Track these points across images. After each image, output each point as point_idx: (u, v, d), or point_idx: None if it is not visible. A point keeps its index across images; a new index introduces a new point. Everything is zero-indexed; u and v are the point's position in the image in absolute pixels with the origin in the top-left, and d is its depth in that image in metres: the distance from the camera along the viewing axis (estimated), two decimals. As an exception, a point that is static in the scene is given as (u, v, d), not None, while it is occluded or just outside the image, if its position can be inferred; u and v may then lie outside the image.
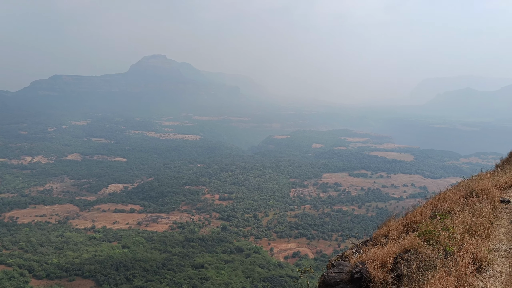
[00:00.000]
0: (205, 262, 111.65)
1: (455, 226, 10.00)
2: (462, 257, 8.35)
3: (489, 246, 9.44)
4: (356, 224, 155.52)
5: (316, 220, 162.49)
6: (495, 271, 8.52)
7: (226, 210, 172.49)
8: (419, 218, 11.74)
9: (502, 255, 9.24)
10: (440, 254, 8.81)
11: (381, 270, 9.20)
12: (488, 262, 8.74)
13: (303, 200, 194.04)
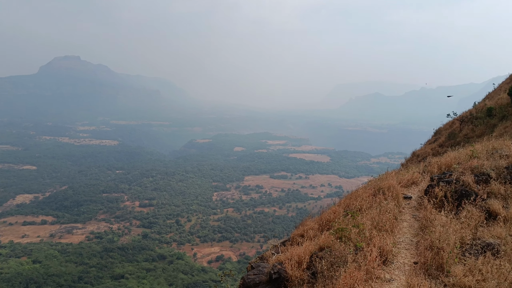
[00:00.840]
0: (126, 272, 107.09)
1: (365, 222, 10.63)
2: (370, 252, 8.89)
3: (394, 240, 10.17)
4: (278, 225, 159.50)
5: (239, 222, 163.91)
6: (399, 263, 9.20)
7: (147, 217, 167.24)
8: (333, 217, 12.31)
9: (405, 247, 10.00)
10: (351, 250, 9.31)
11: (298, 269, 9.50)
12: (393, 255, 9.41)
13: (226, 203, 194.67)
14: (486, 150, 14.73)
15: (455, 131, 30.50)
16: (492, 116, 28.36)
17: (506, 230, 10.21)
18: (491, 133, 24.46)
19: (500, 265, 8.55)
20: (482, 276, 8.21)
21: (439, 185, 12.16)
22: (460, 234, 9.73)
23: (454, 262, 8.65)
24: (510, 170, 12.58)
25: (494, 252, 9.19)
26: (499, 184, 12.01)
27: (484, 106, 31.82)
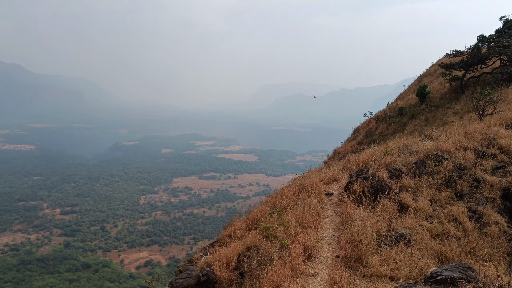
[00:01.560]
0: (46, 285, 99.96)
1: (290, 220, 10.96)
2: (295, 248, 9.20)
3: (318, 236, 10.61)
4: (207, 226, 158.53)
5: (168, 225, 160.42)
6: (323, 257, 9.62)
7: (70, 225, 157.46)
8: (260, 216, 12.53)
9: (327, 242, 10.48)
10: (277, 248, 9.56)
11: (226, 270, 9.56)
12: (316, 250, 9.82)
13: (154, 206, 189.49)
14: (398, 147, 15.87)
15: (372, 130, 32.50)
16: (403, 115, 30.63)
17: (416, 221, 11.11)
18: (403, 130, 26.41)
19: (411, 253, 9.29)
20: (396, 264, 8.86)
21: (357, 181, 12.90)
22: (376, 226, 10.41)
23: (371, 253, 9.23)
24: (418, 165, 13.69)
25: (406, 242, 9.96)
26: (409, 178, 13.03)
27: (396, 106, 34.26)
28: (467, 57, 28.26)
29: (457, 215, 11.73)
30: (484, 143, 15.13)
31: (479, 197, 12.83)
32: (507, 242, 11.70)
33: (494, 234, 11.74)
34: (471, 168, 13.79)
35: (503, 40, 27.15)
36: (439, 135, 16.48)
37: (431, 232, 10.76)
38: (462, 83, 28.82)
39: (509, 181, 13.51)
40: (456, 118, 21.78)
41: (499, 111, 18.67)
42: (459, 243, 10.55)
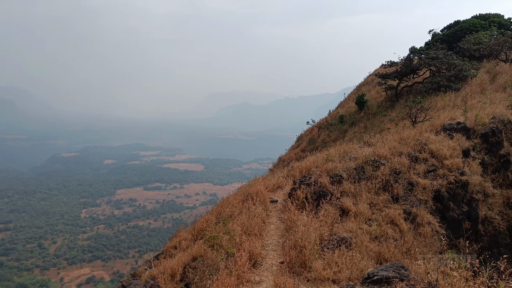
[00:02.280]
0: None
1: (235, 228, 11.00)
2: (240, 257, 9.25)
3: (263, 243, 10.74)
4: (153, 238, 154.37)
5: (112, 239, 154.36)
6: (268, 264, 9.75)
7: (3, 243, 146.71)
8: (206, 225, 12.46)
9: (273, 249, 10.63)
10: (223, 257, 9.56)
11: (171, 282, 9.40)
12: (262, 257, 9.93)
13: (96, 220, 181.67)
14: (338, 153, 16.46)
15: (315, 137, 33.44)
16: (344, 123, 31.82)
17: (356, 224, 11.57)
18: (343, 137, 27.42)
19: (352, 256, 9.66)
20: (338, 267, 9.17)
21: (300, 187, 13.22)
22: (319, 231, 10.72)
23: (315, 258, 9.48)
24: (358, 171, 14.30)
25: (348, 245, 10.35)
26: (349, 184, 13.56)
27: (337, 113, 35.53)
28: (401, 67, 29.94)
29: (393, 217, 12.37)
30: (417, 149, 16.10)
31: (413, 199, 13.62)
32: (438, 241, 12.49)
33: (427, 234, 12.51)
34: (406, 172, 14.61)
35: (431, 52, 29.07)
36: (377, 142, 17.31)
37: (370, 234, 11.25)
38: (397, 92, 30.48)
39: (440, 183, 14.47)
40: (392, 125, 22.96)
41: (430, 118, 19.94)
42: (396, 244, 11.11)
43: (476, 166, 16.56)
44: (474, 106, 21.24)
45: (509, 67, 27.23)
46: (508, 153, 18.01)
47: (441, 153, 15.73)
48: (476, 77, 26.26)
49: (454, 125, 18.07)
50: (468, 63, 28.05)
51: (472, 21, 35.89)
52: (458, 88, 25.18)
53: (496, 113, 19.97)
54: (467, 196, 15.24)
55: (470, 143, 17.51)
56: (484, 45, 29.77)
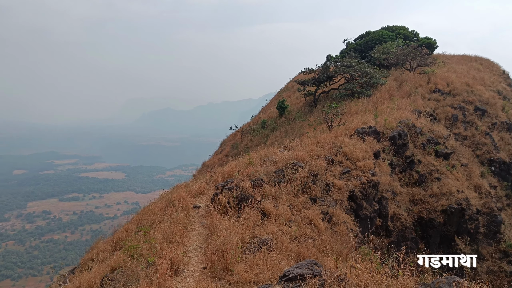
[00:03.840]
0: None
1: (156, 236, 10.76)
2: (161, 264, 9.06)
3: (185, 249, 10.62)
4: (70, 252, 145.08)
5: (23, 256, 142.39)
6: (190, 270, 9.66)
7: None
8: (125, 235, 12.04)
9: (195, 254, 10.55)
10: (143, 266, 9.30)
11: (88, 296, 8.97)
12: (184, 264, 9.81)
13: (5, 236, 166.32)
14: (260, 157, 16.82)
15: (238, 142, 33.80)
16: (266, 128, 32.57)
17: (277, 226, 11.89)
18: (265, 142, 28.02)
19: (273, 257, 9.90)
20: (259, 269, 9.34)
21: (223, 192, 13.30)
22: (241, 234, 10.85)
23: (237, 261, 9.58)
24: (278, 174, 14.72)
25: (269, 247, 10.59)
26: (270, 187, 13.91)
27: (259, 119, 36.27)
28: (318, 74, 31.40)
29: (312, 218, 12.89)
30: (333, 151, 16.96)
31: (330, 200, 14.32)
32: (353, 238, 13.26)
33: (342, 232, 13.21)
34: (323, 174, 15.33)
35: (346, 60, 30.87)
36: (296, 146, 17.95)
37: (290, 235, 11.62)
38: (315, 97, 31.88)
39: (353, 184, 15.38)
40: (310, 129, 23.95)
41: (344, 122, 21.13)
42: (314, 243, 11.60)
43: (385, 166, 17.87)
44: (383, 111, 22.88)
45: (413, 75, 29.75)
46: (412, 154, 19.66)
47: (354, 155, 16.73)
48: (385, 84, 28.31)
49: (366, 129, 19.32)
50: (378, 71, 30.17)
51: (381, 32, 38.70)
52: (370, 94, 26.96)
53: (402, 117, 21.71)
54: (378, 195, 16.37)
55: (380, 145, 18.84)
56: (392, 55, 32.24)
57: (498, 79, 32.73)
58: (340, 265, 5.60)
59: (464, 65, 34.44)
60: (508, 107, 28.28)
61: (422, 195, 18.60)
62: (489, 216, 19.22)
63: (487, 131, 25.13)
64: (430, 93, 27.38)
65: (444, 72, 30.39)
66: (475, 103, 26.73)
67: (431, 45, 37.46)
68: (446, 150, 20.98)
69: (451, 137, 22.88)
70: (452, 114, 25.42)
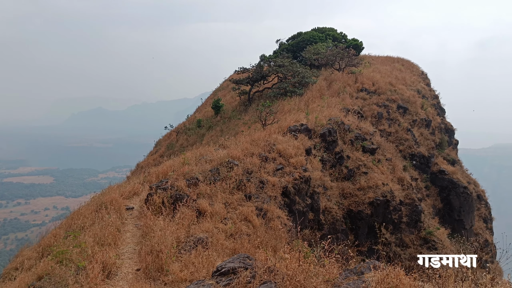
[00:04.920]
0: None
1: (87, 240, 10.41)
2: (92, 269, 8.81)
3: (118, 252, 10.39)
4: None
5: None
6: (123, 273, 9.48)
7: None
8: (53, 241, 11.52)
9: (129, 257, 10.36)
10: (73, 272, 8.98)
11: (11, 307, 8.50)
12: (117, 267, 9.60)
13: None
14: (195, 156, 16.80)
15: (173, 142, 33.38)
16: (201, 127, 32.49)
17: (212, 224, 12.00)
18: (201, 141, 27.97)
19: (209, 255, 10.01)
20: (195, 267, 9.40)
21: (157, 192, 13.15)
22: (176, 234, 10.83)
23: (172, 261, 9.56)
24: (213, 172, 14.82)
25: (204, 245, 10.67)
26: (205, 185, 13.98)
27: (194, 118, 36.07)
28: (252, 74, 31.86)
29: (247, 215, 13.15)
30: (267, 149, 17.36)
31: (264, 196, 14.67)
32: (287, 232, 13.71)
33: (277, 227, 13.59)
34: (257, 172, 15.66)
35: (279, 60, 31.62)
36: (231, 144, 18.14)
37: (226, 232, 11.78)
38: (250, 96, 32.32)
39: (287, 180, 15.87)
40: (245, 128, 24.29)
41: (278, 120, 21.68)
42: (250, 239, 11.85)
43: (317, 162, 18.61)
44: (314, 109, 23.77)
45: (341, 75, 31.18)
46: (342, 150, 20.65)
47: (287, 152, 17.25)
48: (316, 83, 29.40)
49: (298, 127, 19.97)
50: (309, 71, 31.23)
51: (312, 33, 40.06)
52: (302, 93, 27.85)
53: (332, 115, 22.72)
54: (310, 190, 17.03)
55: (311, 142, 19.58)
56: (322, 55, 33.52)
57: (417, 79, 35.27)
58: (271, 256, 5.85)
59: (387, 65, 36.67)
60: (426, 105, 30.59)
61: (351, 189, 19.62)
62: (410, 206, 20.73)
63: (409, 128, 27.02)
64: (357, 92, 28.86)
65: (370, 72, 32.17)
66: (397, 102, 28.61)
67: (358, 46, 39.42)
68: (372, 146, 22.29)
69: (376, 133, 24.33)
70: (377, 112, 27.01)
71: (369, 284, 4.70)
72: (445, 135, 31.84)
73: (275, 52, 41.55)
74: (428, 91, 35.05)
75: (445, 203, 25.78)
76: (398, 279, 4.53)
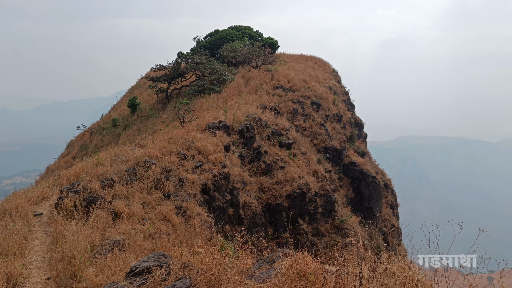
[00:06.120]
0: None
1: (-14, 252, 9.63)
2: (-5, 281, 8.18)
3: (25, 261, 9.71)
4: None
5: None
6: (31, 283, 8.89)
7: None
8: None
9: (38, 266, 9.74)
10: (-29, 287, 8.26)
11: None
12: (24, 277, 8.98)
13: None
14: (110, 157, 16.19)
15: (86, 142, 31.73)
16: (117, 126, 31.28)
17: (130, 226, 11.68)
18: (117, 141, 26.95)
19: (126, 257, 9.73)
20: (111, 271, 9.09)
21: (68, 196, 12.47)
22: (90, 238, 10.38)
23: (86, 266, 9.15)
24: (129, 172, 14.41)
25: (121, 247, 10.37)
26: (122, 186, 13.54)
27: (110, 117, 34.62)
28: (170, 71, 31.34)
29: (166, 214, 13.00)
30: (185, 147, 17.26)
31: (184, 194, 14.60)
32: (207, 229, 13.78)
33: (197, 225, 13.60)
34: (176, 170, 15.51)
35: (196, 58, 31.47)
36: (148, 143, 17.75)
37: (144, 233, 11.54)
38: (167, 94, 31.76)
39: (206, 177, 15.92)
40: (163, 126, 23.87)
41: (196, 118, 21.62)
42: (169, 238, 11.73)
43: (235, 158, 18.89)
44: (232, 106, 24.05)
45: (258, 72, 31.85)
46: (259, 145, 21.17)
47: (206, 150, 17.30)
48: (234, 81, 29.74)
49: (216, 124, 20.09)
50: (227, 69, 31.50)
51: (229, 31, 40.38)
52: (220, 90, 28.02)
53: (250, 112, 23.16)
54: (230, 186, 17.25)
55: (230, 139, 19.82)
56: (239, 53, 33.97)
57: (329, 76, 37.18)
58: (186, 253, 5.89)
59: (301, 63, 38.16)
60: (338, 101, 32.39)
61: (269, 183, 20.20)
62: (325, 197, 21.87)
63: (322, 122, 28.42)
64: (273, 89, 29.69)
65: (285, 70, 33.25)
66: (311, 98, 29.93)
67: (273, 44, 40.54)
68: (288, 141, 23.12)
69: (292, 128, 25.27)
70: (293, 108, 28.03)
71: (279, 270, 4.96)
72: (355, 129, 34.00)
73: (193, 49, 41.26)
74: (339, 88, 37.11)
75: (356, 193, 27.58)
76: (306, 264, 4.84)
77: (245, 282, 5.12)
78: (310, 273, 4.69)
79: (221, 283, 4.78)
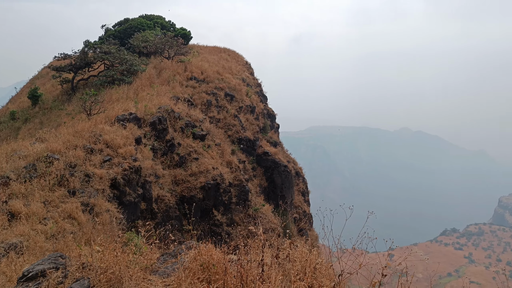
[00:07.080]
0: None
1: None
2: None
3: None
4: None
5: None
6: None
7: None
8: None
9: None
10: None
11: None
12: None
13: None
14: (6, 153, 14.88)
15: (-21, 138, 28.74)
16: (16, 119, 28.76)
17: (29, 226, 10.89)
18: (16, 136, 24.79)
19: (24, 260, 9.08)
20: (6, 277, 8.43)
21: (-47, 198, 11.27)
22: (-19, 243, 9.52)
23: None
24: (29, 169, 13.37)
25: (18, 250, 9.64)
26: (19, 184, 12.54)
27: (7, 110, 31.72)
28: (75, 60, 29.41)
29: (71, 212, 12.31)
30: (92, 140, 16.42)
31: (91, 190, 13.92)
32: (117, 225, 13.32)
33: (106, 221, 13.08)
34: (82, 165, 14.72)
35: (105, 47, 29.87)
36: (50, 137, 16.58)
37: (46, 234, 10.85)
38: (73, 85, 29.80)
39: (115, 171, 15.33)
40: (69, 119, 22.44)
41: (105, 110, 20.61)
42: (75, 237, 11.15)
43: (147, 151, 18.41)
44: (144, 97, 23.32)
45: (171, 63, 31.18)
46: (173, 137, 20.83)
47: (115, 143, 16.62)
48: (146, 71, 28.78)
49: (127, 116, 19.36)
50: (138, 59, 30.34)
51: (140, 20, 38.89)
52: (131, 81, 26.96)
53: (162, 103, 22.65)
54: (142, 180, 16.80)
55: (141, 131, 19.24)
56: (151, 43, 32.87)
57: (242, 69, 37.56)
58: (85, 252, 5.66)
59: (215, 55, 38.06)
60: (251, 93, 32.89)
61: (183, 175, 20.01)
62: (239, 187, 22.22)
63: (236, 114, 28.71)
64: (187, 80, 29.29)
65: (198, 61, 32.91)
66: (225, 90, 30.05)
67: (187, 35, 39.88)
68: (202, 132, 23.06)
69: (206, 120, 25.21)
70: (206, 99, 27.93)
71: (182, 264, 4.97)
72: (267, 120, 34.84)
73: (101, 38, 39.12)
74: (252, 79, 37.69)
75: (269, 182, 28.37)
76: (209, 255, 4.92)
77: (149, 278, 5.06)
78: (213, 264, 4.77)
79: (122, 281, 4.67)
